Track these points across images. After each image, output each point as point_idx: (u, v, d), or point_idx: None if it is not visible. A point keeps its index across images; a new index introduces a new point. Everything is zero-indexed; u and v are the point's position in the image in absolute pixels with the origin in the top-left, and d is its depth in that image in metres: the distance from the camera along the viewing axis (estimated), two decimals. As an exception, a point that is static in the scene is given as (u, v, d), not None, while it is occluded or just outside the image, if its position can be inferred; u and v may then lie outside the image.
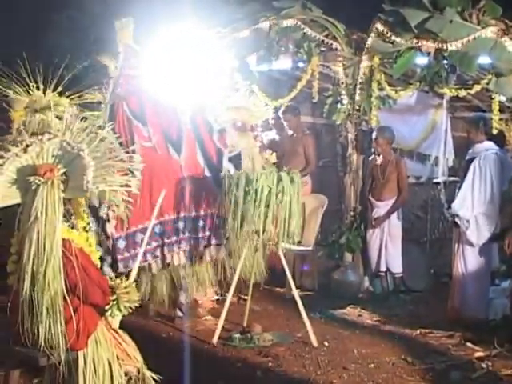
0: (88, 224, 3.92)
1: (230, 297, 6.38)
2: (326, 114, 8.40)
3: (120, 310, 3.95)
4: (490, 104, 7.23)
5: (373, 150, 8.19)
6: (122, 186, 3.83)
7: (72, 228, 3.75)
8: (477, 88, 7.17)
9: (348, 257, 8.31)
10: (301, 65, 8.65)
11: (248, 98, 6.75)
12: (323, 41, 8.06)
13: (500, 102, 7.21)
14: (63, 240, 3.61)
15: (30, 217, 3.54)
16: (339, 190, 8.73)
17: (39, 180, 3.56)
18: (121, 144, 5.23)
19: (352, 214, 8.32)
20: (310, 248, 7.69)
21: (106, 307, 3.88)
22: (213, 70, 6.56)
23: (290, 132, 8.71)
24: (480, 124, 6.74)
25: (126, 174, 3.93)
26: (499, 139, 7.19)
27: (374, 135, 8.05)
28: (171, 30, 7.75)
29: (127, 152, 4.01)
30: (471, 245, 6.75)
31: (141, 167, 3.89)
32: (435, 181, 9.78)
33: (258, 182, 6.04)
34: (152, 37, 7.89)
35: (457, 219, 6.76)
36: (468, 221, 6.69)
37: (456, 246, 6.92)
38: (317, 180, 8.83)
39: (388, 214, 8.00)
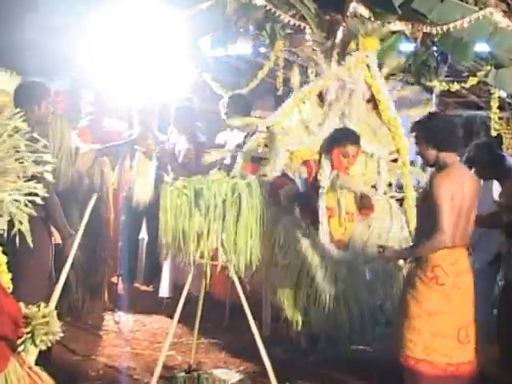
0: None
1: (173, 327, 5.99)
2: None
3: (36, 345, 3.60)
4: (488, 100, 7.28)
5: None
6: (26, 194, 3.53)
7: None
8: (472, 81, 7.21)
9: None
10: (263, 50, 8.70)
11: None
12: (289, 21, 7.82)
13: (499, 97, 7.22)
14: None
15: None
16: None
17: None
18: None
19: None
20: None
21: (18, 341, 3.53)
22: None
23: None
24: None
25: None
26: (496, 142, 7.16)
27: None
28: (120, 6, 7.87)
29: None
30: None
31: (51, 170, 3.71)
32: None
33: (210, 191, 5.83)
34: (100, 13, 8.10)
35: None
36: None
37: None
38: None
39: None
